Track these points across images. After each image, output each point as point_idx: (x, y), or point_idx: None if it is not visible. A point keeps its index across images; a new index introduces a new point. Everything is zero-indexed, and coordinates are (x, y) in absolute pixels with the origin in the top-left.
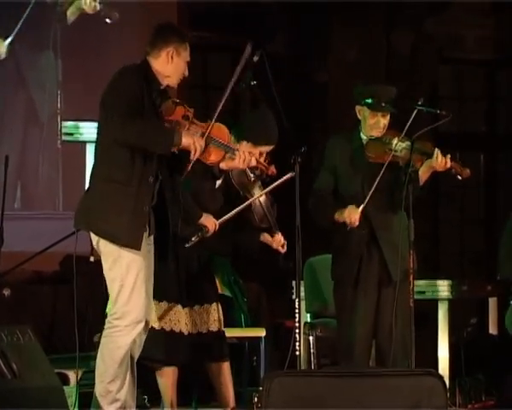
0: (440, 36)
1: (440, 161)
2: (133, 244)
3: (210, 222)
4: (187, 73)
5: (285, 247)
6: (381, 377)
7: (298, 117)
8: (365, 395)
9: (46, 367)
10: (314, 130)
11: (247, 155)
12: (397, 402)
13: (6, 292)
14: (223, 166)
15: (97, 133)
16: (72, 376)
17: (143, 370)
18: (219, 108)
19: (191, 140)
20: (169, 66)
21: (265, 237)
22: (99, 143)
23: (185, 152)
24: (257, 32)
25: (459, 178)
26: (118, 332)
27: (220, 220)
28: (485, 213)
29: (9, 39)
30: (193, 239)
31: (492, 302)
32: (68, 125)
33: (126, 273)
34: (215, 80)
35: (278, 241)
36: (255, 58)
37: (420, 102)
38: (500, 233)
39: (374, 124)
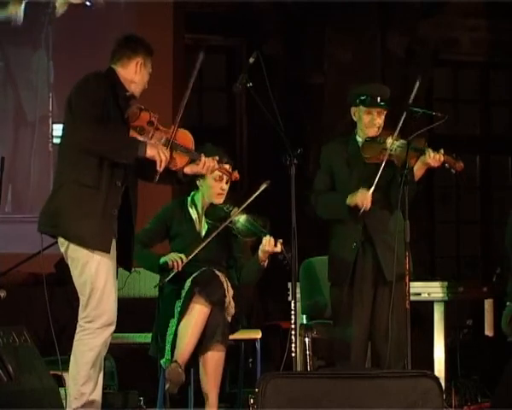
0: (435, 38)
1: (433, 156)
2: (103, 247)
3: (171, 257)
4: (146, 86)
5: (278, 245)
6: (377, 379)
7: (293, 118)
8: (361, 397)
9: (42, 369)
10: (309, 131)
11: (210, 162)
12: (392, 404)
13: (1, 294)
14: (187, 170)
15: (62, 135)
16: (68, 377)
17: (139, 371)
18: (181, 113)
19: (155, 151)
20: (136, 75)
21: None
22: (66, 145)
23: (153, 160)
24: (253, 33)
25: (453, 171)
26: (89, 335)
27: (191, 255)
28: (481, 214)
29: (24, 3)
30: (160, 283)
31: (488, 304)
32: (60, 127)
33: (96, 277)
34: (210, 82)
35: (267, 243)
36: (251, 60)
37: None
38: (498, 233)
39: (369, 122)
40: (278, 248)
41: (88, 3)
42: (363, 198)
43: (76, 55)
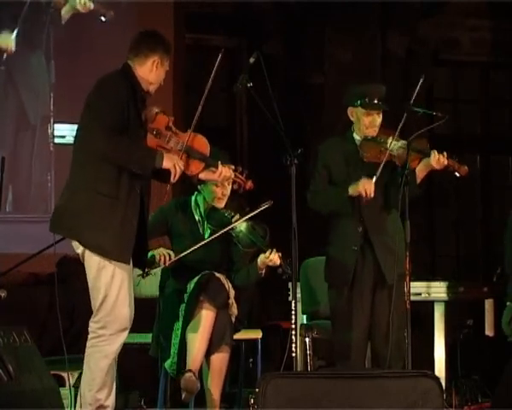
0: (435, 38)
1: (438, 158)
2: (123, 258)
3: (159, 252)
4: (163, 83)
5: (278, 259)
6: (377, 379)
7: (293, 118)
8: (361, 397)
9: (42, 369)
10: (309, 131)
11: (227, 171)
12: (392, 404)
13: (2, 294)
14: (202, 176)
15: (78, 135)
16: (69, 377)
17: (140, 371)
18: (196, 117)
19: (171, 164)
20: (152, 74)
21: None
22: (82, 147)
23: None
24: (253, 33)
25: (457, 175)
26: (103, 341)
27: (180, 255)
28: (482, 214)
29: (15, 32)
30: (146, 270)
31: (488, 304)
32: (61, 127)
33: (111, 283)
34: (211, 82)
35: (268, 257)
36: (251, 60)
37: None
38: (498, 233)
39: (370, 123)
40: (277, 262)
41: (103, 19)
42: (367, 186)
43: (77, 54)
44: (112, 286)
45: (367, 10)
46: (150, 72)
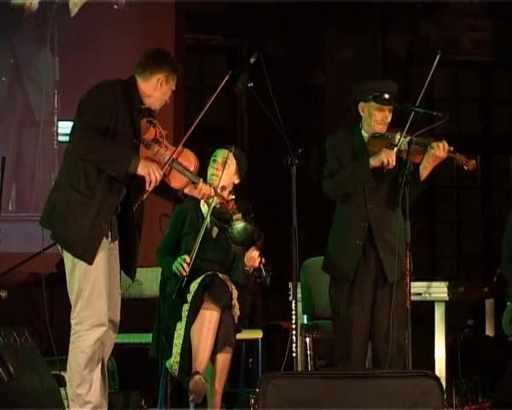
0: (436, 38)
1: (437, 145)
2: (85, 257)
3: (176, 265)
4: (169, 101)
5: (256, 262)
6: (378, 379)
7: (293, 118)
8: (362, 397)
9: (43, 369)
10: (309, 131)
11: (207, 189)
12: (392, 404)
13: (2, 294)
14: (186, 191)
15: (70, 133)
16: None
17: (140, 371)
18: (188, 133)
19: (146, 170)
20: (156, 91)
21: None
22: (69, 147)
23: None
24: (253, 33)
25: (465, 168)
26: (79, 337)
27: (193, 255)
28: (482, 214)
29: None
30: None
31: (489, 304)
32: (65, 125)
33: (84, 278)
34: (211, 82)
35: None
36: (252, 60)
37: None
38: (499, 233)
39: (381, 119)
40: (256, 262)
41: (115, 6)
42: (389, 156)
43: (81, 52)
44: (86, 281)
45: (367, 10)
46: (155, 89)
